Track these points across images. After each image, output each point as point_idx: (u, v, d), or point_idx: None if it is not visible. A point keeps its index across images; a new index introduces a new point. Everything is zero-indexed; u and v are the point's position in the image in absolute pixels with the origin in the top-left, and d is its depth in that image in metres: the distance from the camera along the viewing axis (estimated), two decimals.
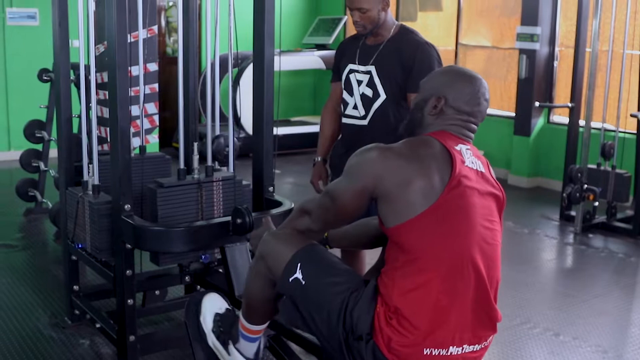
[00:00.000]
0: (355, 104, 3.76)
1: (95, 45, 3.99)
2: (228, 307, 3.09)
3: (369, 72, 3.72)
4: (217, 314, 3.03)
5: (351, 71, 3.79)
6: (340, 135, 3.95)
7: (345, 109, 3.83)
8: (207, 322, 3.02)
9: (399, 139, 3.67)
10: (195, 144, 3.74)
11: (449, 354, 2.37)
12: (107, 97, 3.55)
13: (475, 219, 2.41)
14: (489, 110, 2.66)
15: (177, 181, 3.61)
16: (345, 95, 3.83)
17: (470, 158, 2.49)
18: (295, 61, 10.04)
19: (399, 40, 3.71)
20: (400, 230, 2.37)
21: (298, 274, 2.53)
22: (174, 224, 3.52)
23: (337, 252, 3.18)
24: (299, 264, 2.54)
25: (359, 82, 3.75)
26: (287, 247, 2.61)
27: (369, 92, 3.71)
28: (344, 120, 3.85)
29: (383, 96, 3.68)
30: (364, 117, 3.74)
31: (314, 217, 2.61)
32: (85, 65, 3.98)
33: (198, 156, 3.70)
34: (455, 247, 2.37)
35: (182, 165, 3.69)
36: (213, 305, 3.06)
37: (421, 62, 3.62)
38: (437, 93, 2.57)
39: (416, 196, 2.35)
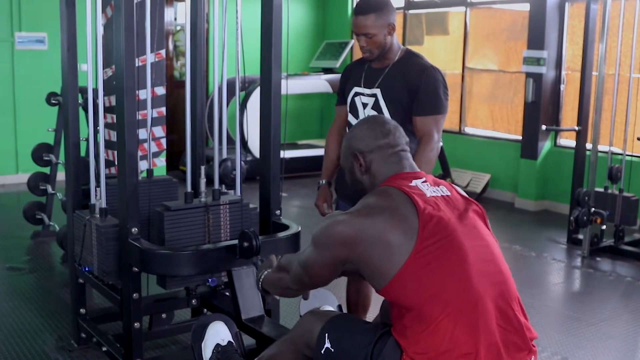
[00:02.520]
0: None
1: (103, 69, 4.01)
2: (231, 339, 3.07)
3: (374, 95, 3.72)
4: (218, 345, 3.02)
5: (356, 94, 3.80)
6: None
7: None
8: (207, 351, 3.01)
9: None
10: (203, 167, 3.75)
11: None
12: (115, 120, 3.56)
13: (462, 243, 2.37)
14: (496, 134, 2.63)
15: (184, 204, 3.61)
16: (351, 118, 3.83)
17: (429, 188, 2.50)
18: (302, 85, 10.07)
19: (405, 63, 3.72)
20: (391, 289, 2.36)
21: (327, 344, 2.56)
22: (181, 247, 3.53)
23: None
24: (326, 335, 2.57)
25: (365, 105, 3.75)
26: (316, 323, 2.64)
27: None
28: None
29: None
30: None
31: (292, 280, 2.68)
32: (93, 89, 4.00)
33: (205, 179, 3.70)
34: (454, 281, 2.32)
35: (189, 189, 3.69)
36: (216, 334, 3.05)
37: (427, 85, 3.62)
38: (351, 154, 2.64)
39: (393, 249, 2.33)
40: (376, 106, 3.70)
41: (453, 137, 9.56)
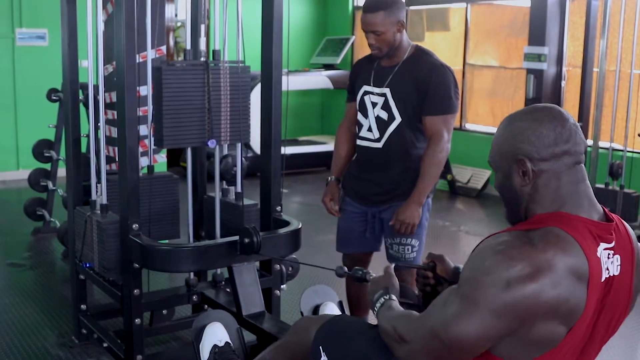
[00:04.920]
0: (370, 126, 3.74)
1: (104, 66, 4.01)
2: (228, 340, 3.07)
3: (384, 95, 3.69)
4: (215, 346, 3.01)
5: (366, 93, 3.77)
6: (356, 156, 3.94)
7: (359, 130, 3.81)
8: (204, 351, 3.00)
9: (413, 163, 3.68)
10: (202, 25, 3.70)
11: None
12: (116, 116, 3.56)
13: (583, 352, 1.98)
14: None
15: (184, 61, 3.59)
16: (360, 117, 3.80)
17: (607, 262, 1.92)
18: (303, 81, 10.07)
19: (414, 61, 3.68)
20: None
21: (324, 357, 2.40)
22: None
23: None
24: (320, 347, 2.42)
25: (374, 104, 3.73)
26: (310, 331, 2.49)
27: (384, 115, 3.69)
28: (359, 142, 3.84)
29: (398, 119, 3.66)
30: (378, 140, 3.72)
31: (410, 353, 2.04)
32: (94, 85, 3.99)
33: (206, 38, 3.66)
34: None
35: (189, 47, 3.68)
36: (214, 335, 3.04)
37: (437, 84, 3.59)
38: (514, 156, 1.98)
39: (546, 339, 1.88)
40: (386, 105, 3.68)
41: (454, 133, 9.48)
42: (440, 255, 2.43)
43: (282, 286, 3.86)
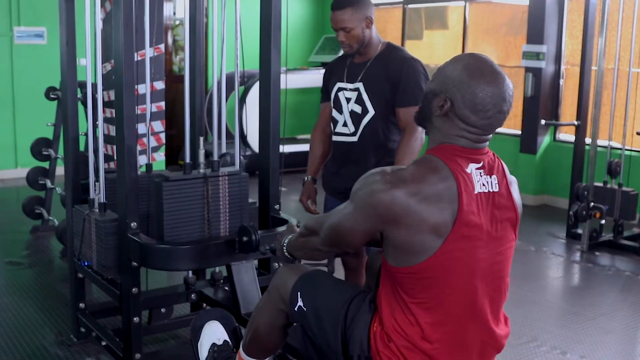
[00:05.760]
0: (345, 121, 3.79)
1: (102, 64, 4.01)
2: (227, 339, 3.07)
3: (357, 89, 3.74)
4: (214, 344, 3.01)
5: (340, 89, 3.82)
6: (332, 153, 3.97)
7: (335, 127, 3.86)
8: (203, 350, 3.00)
9: (387, 155, 3.71)
10: (201, 138, 3.71)
11: None
12: (114, 115, 3.56)
13: (479, 259, 2.25)
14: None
15: (183, 175, 3.59)
16: (335, 113, 3.85)
17: (481, 179, 2.25)
18: (301, 79, 10.06)
19: (386, 56, 3.74)
20: (399, 273, 2.26)
21: (300, 302, 2.55)
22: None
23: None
24: (298, 293, 2.56)
25: (348, 100, 3.78)
26: (291, 276, 2.63)
27: (357, 109, 3.74)
28: (335, 138, 3.88)
29: (372, 112, 3.71)
30: (353, 134, 3.77)
31: (322, 242, 2.48)
32: (92, 84, 3.99)
33: (204, 151, 3.67)
34: (458, 297, 2.25)
35: (187, 160, 3.67)
36: (212, 334, 3.04)
37: (407, 76, 3.65)
38: (445, 91, 2.25)
39: (420, 244, 2.18)
40: (359, 99, 3.73)
41: None
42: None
43: None
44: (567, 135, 8.49)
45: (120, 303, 3.63)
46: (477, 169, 2.25)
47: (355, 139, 3.76)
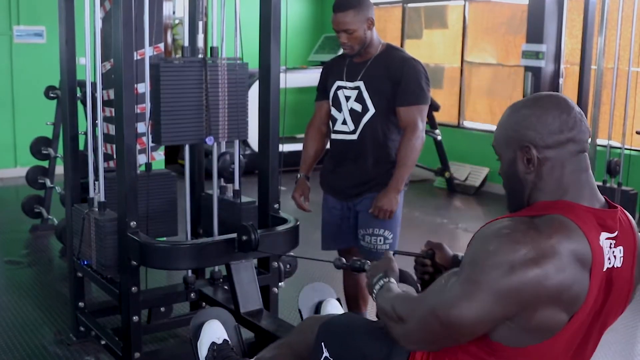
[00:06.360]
0: (345, 119, 3.79)
1: (101, 63, 4.01)
2: (226, 338, 3.06)
3: (357, 88, 3.75)
4: (213, 343, 3.01)
5: (339, 87, 3.82)
6: (330, 152, 3.98)
7: (334, 125, 3.86)
8: (202, 349, 3.00)
9: (386, 155, 3.71)
10: (200, 22, 3.69)
11: None
12: (114, 114, 3.56)
13: (575, 347, 1.97)
14: (495, 128, 2.10)
15: (182, 58, 3.59)
16: (334, 111, 3.85)
17: (609, 253, 1.89)
18: (301, 78, 10.06)
19: (386, 56, 3.75)
20: (502, 351, 1.94)
21: (325, 353, 2.37)
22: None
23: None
24: (322, 343, 2.39)
25: (347, 98, 3.78)
26: (315, 324, 2.48)
27: (357, 107, 3.74)
28: (333, 136, 3.89)
29: (372, 110, 3.71)
30: (353, 132, 3.77)
31: (414, 335, 1.99)
32: (91, 83, 3.99)
33: (203, 35, 3.64)
34: None
35: (186, 43, 3.66)
36: (212, 333, 3.04)
37: (408, 75, 3.66)
38: (519, 143, 1.95)
39: (547, 326, 1.86)
40: (359, 97, 3.73)
41: (452, 130, 9.55)
42: (439, 243, 2.40)
43: (280, 284, 3.86)
44: None
45: (119, 302, 3.63)
46: (608, 239, 1.90)
47: (354, 137, 3.77)
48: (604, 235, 1.88)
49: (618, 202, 6.53)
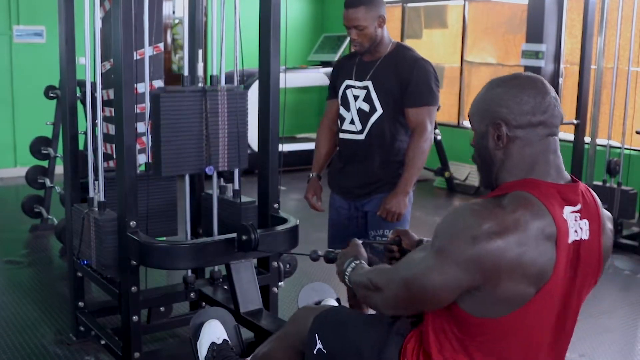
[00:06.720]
0: (352, 119, 3.78)
1: (101, 63, 4.01)
2: (226, 338, 3.07)
3: (365, 87, 3.73)
4: (213, 343, 3.01)
5: (348, 87, 3.81)
6: (338, 151, 3.97)
7: (342, 124, 3.85)
8: (202, 349, 3.00)
9: (393, 155, 3.71)
10: (200, 51, 3.69)
11: None
12: (113, 114, 3.56)
13: (552, 319, 2.05)
14: None
15: (182, 88, 3.58)
16: (342, 110, 3.84)
17: (574, 226, 1.99)
18: (300, 78, 10.06)
19: (396, 56, 3.73)
20: (474, 323, 2.03)
21: (319, 344, 2.43)
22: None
23: None
24: (316, 335, 2.45)
25: (356, 97, 3.76)
26: (309, 315, 2.53)
27: (365, 107, 3.73)
28: (341, 135, 3.87)
29: (380, 111, 3.70)
30: (360, 132, 3.76)
31: (389, 302, 2.15)
32: (91, 82, 3.99)
33: (202, 64, 3.65)
34: (525, 347, 2.05)
35: (186, 73, 3.67)
36: (212, 333, 3.04)
37: (417, 76, 3.64)
38: (491, 118, 2.05)
39: (515, 296, 1.94)
40: (367, 97, 3.72)
41: (451, 130, 9.56)
42: (405, 230, 2.57)
43: (279, 283, 3.86)
44: (566, 134, 8.48)
45: (119, 302, 3.63)
46: (573, 212, 2.00)
47: (362, 137, 3.75)
48: (567, 209, 1.98)
49: (618, 202, 6.57)
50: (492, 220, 1.90)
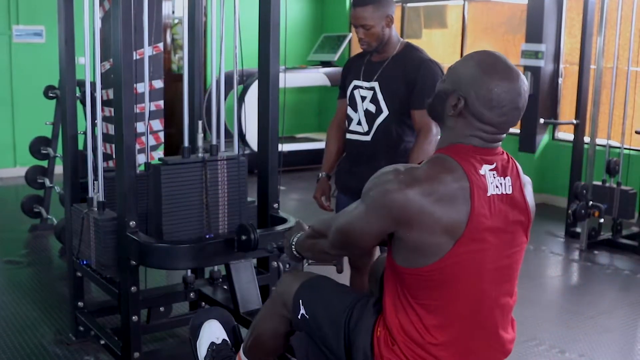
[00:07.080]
0: (359, 120, 3.77)
1: (101, 63, 4.01)
2: (225, 338, 3.07)
3: (372, 88, 3.72)
4: (212, 343, 3.01)
5: (355, 87, 3.80)
6: (346, 152, 3.96)
7: (349, 124, 3.84)
8: (202, 349, 3.00)
9: (399, 156, 3.69)
10: (200, 122, 3.70)
11: None
12: (113, 114, 3.56)
13: (487, 270, 2.21)
14: None
15: (181, 159, 3.59)
16: (350, 111, 3.83)
17: (494, 181, 2.19)
18: (300, 78, 10.06)
19: (403, 57, 3.72)
20: (407, 274, 2.21)
21: (302, 310, 2.52)
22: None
23: None
24: (300, 301, 2.54)
25: (363, 98, 3.75)
26: (293, 284, 2.60)
27: (372, 108, 3.72)
28: (348, 135, 3.86)
29: (386, 112, 3.68)
30: (367, 133, 3.74)
31: (330, 245, 2.43)
32: (91, 82, 3.99)
33: (202, 134, 3.67)
34: (465, 300, 2.21)
35: (186, 143, 3.68)
36: (211, 333, 3.03)
37: (424, 78, 3.61)
38: (459, 89, 2.19)
39: (432, 245, 2.13)
40: (374, 99, 3.70)
41: None
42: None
43: None
44: (566, 134, 8.49)
45: (119, 302, 3.63)
46: (491, 170, 2.19)
47: (368, 138, 3.74)
48: (486, 167, 2.19)
49: (617, 202, 6.57)
50: (405, 175, 2.15)
